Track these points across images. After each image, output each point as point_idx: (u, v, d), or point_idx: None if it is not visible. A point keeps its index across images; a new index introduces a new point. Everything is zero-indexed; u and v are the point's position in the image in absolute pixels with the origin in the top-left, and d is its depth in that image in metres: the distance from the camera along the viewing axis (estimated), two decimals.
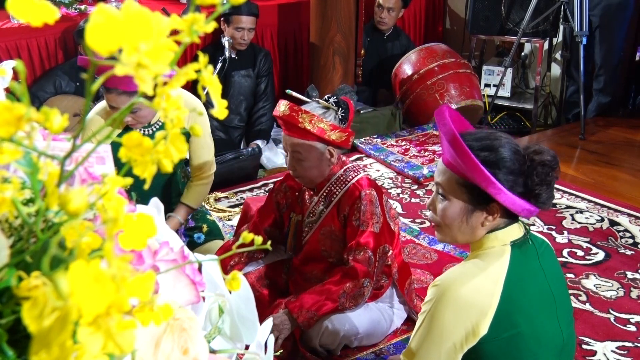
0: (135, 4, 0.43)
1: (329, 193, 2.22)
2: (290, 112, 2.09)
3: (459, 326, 1.39)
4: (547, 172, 1.43)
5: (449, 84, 4.38)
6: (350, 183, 2.19)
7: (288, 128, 2.12)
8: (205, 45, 4.05)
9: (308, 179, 2.19)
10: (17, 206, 0.51)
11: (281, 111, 2.11)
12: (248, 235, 0.64)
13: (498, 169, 1.41)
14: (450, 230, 1.50)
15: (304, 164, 2.14)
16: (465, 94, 4.39)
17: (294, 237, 2.35)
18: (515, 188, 1.42)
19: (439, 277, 1.47)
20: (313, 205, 2.26)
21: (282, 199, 2.38)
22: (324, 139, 2.09)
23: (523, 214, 1.45)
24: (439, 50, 4.58)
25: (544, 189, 1.43)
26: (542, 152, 1.45)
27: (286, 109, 2.10)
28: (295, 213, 2.33)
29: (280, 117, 2.12)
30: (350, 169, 2.22)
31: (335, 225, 2.21)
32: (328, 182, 2.21)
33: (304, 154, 2.12)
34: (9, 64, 0.83)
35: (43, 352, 0.42)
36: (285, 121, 2.11)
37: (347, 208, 2.17)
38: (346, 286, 2.10)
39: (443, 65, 4.44)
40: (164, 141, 0.49)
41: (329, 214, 2.22)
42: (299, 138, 2.10)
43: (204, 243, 2.67)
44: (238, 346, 0.82)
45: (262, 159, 3.93)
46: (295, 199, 2.34)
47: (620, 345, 2.34)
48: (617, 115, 4.79)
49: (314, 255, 2.28)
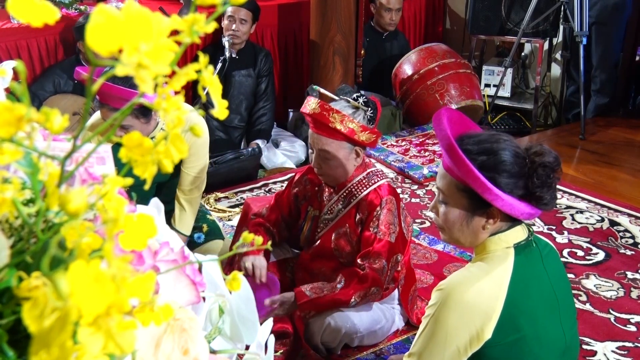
0: (135, 4, 0.43)
1: (349, 194, 2.21)
2: (321, 111, 2.06)
3: (464, 330, 1.38)
4: (547, 174, 1.41)
5: (449, 84, 4.38)
6: (372, 187, 2.17)
7: (317, 126, 2.10)
8: (205, 45, 4.05)
9: (332, 177, 2.18)
10: (17, 206, 0.51)
11: (311, 109, 2.08)
12: (248, 235, 0.64)
13: (497, 173, 1.40)
14: (453, 233, 1.51)
15: (331, 162, 2.13)
16: (465, 94, 4.39)
17: (309, 231, 2.34)
18: (515, 191, 1.41)
19: (443, 281, 1.46)
20: (332, 203, 2.24)
21: (302, 191, 2.36)
22: (353, 140, 2.08)
23: (523, 217, 1.44)
24: (439, 50, 4.58)
25: (545, 190, 1.41)
26: (543, 153, 1.44)
27: (317, 107, 2.07)
28: (313, 207, 2.32)
29: (310, 115, 2.09)
30: (373, 173, 2.21)
31: (351, 227, 2.20)
32: (350, 182, 2.20)
33: (332, 153, 2.11)
34: (9, 64, 0.83)
35: (43, 353, 0.42)
36: (315, 119, 2.08)
37: (366, 213, 2.15)
38: (357, 294, 2.11)
39: (443, 66, 4.44)
40: (164, 141, 0.49)
41: (346, 214, 2.21)
42: (328, 137, 2.09)
43: (204, 243, 2.67)
44: (238, 346, 0.82)
45: (262, 159, 3.93)
46: (314, 193, 2.32)
47: (621, 345, 2.34)
48: (617, 115, 4.79)
49: (325, 253, 2.27)
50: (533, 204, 1.43)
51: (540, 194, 1.41)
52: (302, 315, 2.20)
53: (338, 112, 2.06)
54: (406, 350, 2.10)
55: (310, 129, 2.15)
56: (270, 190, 3.57)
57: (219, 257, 0.73)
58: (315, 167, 2.18)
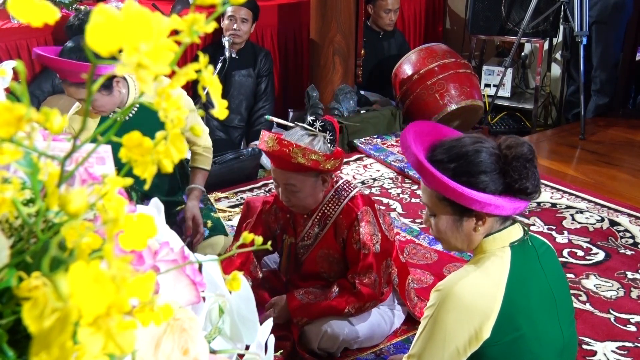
0: (135, 4, 0.43)
1: (323, 216, 2.17)
2: (280, 147, 1.97)
3: (462, 330, 1.38)
4: (523, 165, 1.41)
5: (449, 84, 4.38)
6: (344, 203, 2.13)
7: (279, 163, 2.02)
8: (205, 45, 4.05)
9: (302, 207, 2.13)
10: (17, 206, 0.51)
11: (269, 146, 1.99)
12: (248, 235, 0.64)
13: (472, 176, 1.41)
14: (449, 241, 1.52)
15: (299, 194, 2.07)
16: (465, 94, 4.39)
17: (288, 260, 2.30)
18: (496, 188, 1.41)
19: (440, 281, 1.47)
20: (308, 228, 2.20)
21: (274, 222, 2.31)
22: (318, 170, 2.02)
23: (510, 212, 1.44)
24: (439, 50, 4.58)
25: (524, 182, 1.41)
26: (514, 145, 1.43)
27: (274, 144, 1.97)
28: (288, 235, 2.27)
29: (270, 153, 2.01)
30: (341, 188, 2.17)
31: (333, 248, 2.17)
32: (321, 204, 2.16)
33: (299, 186, 2.05)
34: (9, 64, 0.83)
35: (43, 353, 0.42)
36: (275, 157, 2.00)
37: (345, 231, 2.12)
38: (351, 306, 2.10)
39: (443, 66, 4.44)
40: (164, 141, 0.49)
41: (324, 236, 2.18)
42: (292, 171, 2.02)
43: (208, 238, 2.69)
44: (238, 346, 0.82)
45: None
46: (287, 221, 2.28)
47: (621, 345, 2.34)
48: (617, 115, 4.79)
49: (313, 276, 2.26)
50: (518, 197, 1.43)
51: (520, 186, 1.41)
52: (296, 322, 2.18)
53: (298, 146, 1.96)
54: (406, 350, 2.10)
55: (271, 164, 2.09)
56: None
57: (219, 257, 0.73)
58: (283, 200, 2.12)
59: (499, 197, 1.41)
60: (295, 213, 2.23)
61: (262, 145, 2.06)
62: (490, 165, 1.42)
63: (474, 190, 1.40)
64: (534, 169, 1.43)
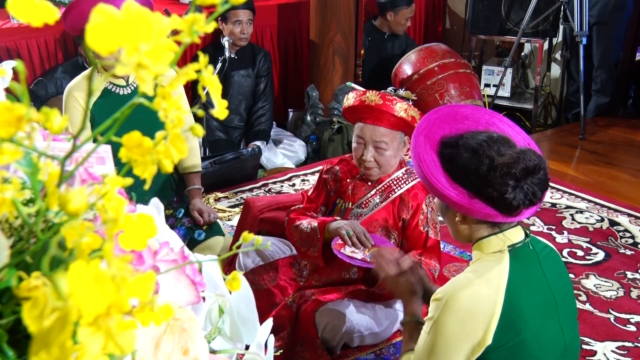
0: (135, 4, 0.43)
1: (388, 188, 2.21)
2: (384, 101, 2.04)
3: (464, 337, 1.37)
4: (503, 177, 1.34)
5: (449, 84, 4.38)
6: (410, 184, 2.18)
7: (377, 117, 2.08)
8: (205, 45, 4.05)
9: (385, 168, 2.17)
10: (17, 206, 0.51)
11: (372, 100, 2.06)
12: (248, 235, 0.64)
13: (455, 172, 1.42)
14: (447, 224, 1.55)
15: (387, 153, 2.12)
16: (465, 94, 4.39)
17: None
18: (476, 191, 1.39)
19: (439, 289, 1.45)
20: (369, 196, 2.23)
21: (332, 182, 2.32)
22: (412, 128, 2.03)
23: (488, 219, 1.42)
24: (439, 50, 4.57)
25: (499, 193, 1.34)
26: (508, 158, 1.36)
27: (378, 98, 2.05)
28: (344, 200, 2.29)
29: (372, 107, 2.06)
30: (411, 171, 2.22)
31: (390, 221, 2.20)
32: (389, 178, 2.21)
33: (389, 144, 2.11)
34: (9, 64, 0.83)
35: (43, 353, 0.42)
36: (377, 110, 2.06)
37: (411, 211, 2.16)
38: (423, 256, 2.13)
39: (443, 65, 4.43)
40: (164, 141, 0.49)
41: (382, 208, 2.20)
42: (387, 127, 2.08)
43: (205, 240, 2.68)
44: (238, 346, 0.82)
45: (262, 159, 3.94)
46: (346, 186, 2.29)
47: (620, 345, 2.34)
48: (617, 115, 4.80)
49: None
50: (528, 205, 1.37)
51: (497, 195, 1.35)
52: (311, 309, 2.15)
53: (400, 101, 2.05)
54: None
55: (362, 121, 2.12)
56: (270, 190, 3.57)
57: (219, 257, 0.73)
58: (368, 161, 2.13)
59: (478, 200, 1.38)
60: (356, 179, 2.26)
61: (352, 102, 2.11)
62: (477, 168, 1.38)
63: (454, 187, 1.39)
64: (520, 184, 1.34)
